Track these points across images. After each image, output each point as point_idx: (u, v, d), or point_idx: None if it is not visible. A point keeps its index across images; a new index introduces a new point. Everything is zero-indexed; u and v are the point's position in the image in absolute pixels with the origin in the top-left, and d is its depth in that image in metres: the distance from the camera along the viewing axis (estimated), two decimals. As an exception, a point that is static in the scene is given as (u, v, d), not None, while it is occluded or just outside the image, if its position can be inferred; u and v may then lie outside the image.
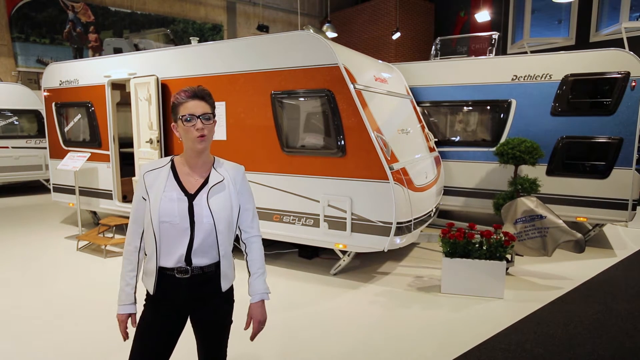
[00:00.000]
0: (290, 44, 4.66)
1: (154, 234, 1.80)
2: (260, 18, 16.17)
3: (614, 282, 4.62)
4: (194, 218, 1.81)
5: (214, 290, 1.89)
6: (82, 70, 6.52)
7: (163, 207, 1.80)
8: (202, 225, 1.81)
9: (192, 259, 1.83)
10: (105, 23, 13.53)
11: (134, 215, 1.90)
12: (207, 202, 1.83)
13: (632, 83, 5.32)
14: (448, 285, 4.34)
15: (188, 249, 1.81)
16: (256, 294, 1.96)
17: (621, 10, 11.75)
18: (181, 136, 1.84)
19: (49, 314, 3.92)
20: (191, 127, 1.78)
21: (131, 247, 1.90)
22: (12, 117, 9.92)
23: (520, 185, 5.13)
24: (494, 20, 14.29)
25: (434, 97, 6.52)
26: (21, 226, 7.20)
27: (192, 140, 1.79)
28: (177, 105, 1.82)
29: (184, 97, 1.80)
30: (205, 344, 1.97)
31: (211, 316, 1.92)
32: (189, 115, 1.77)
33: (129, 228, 1.93)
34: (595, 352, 3.23)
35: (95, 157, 6.48)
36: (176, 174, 1.87)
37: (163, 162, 1.91)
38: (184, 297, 1.86)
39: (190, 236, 1.81)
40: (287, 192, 4.84)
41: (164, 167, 1.88)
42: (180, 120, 1.79)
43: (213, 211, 1.83)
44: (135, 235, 1.90)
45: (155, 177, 1.85)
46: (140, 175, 1.88)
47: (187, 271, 1.82)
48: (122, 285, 1.90)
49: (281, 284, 4.64)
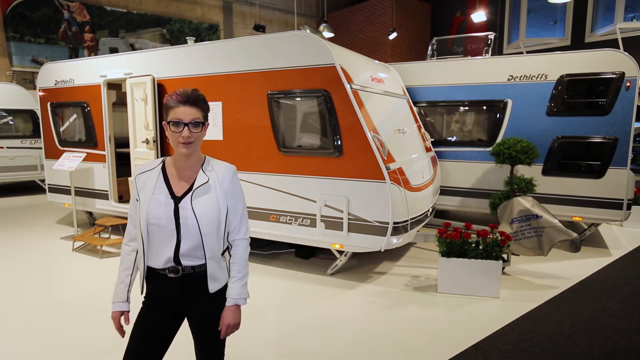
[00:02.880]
0: (286, 44, 4.65)
1: (142, 235, 1.84)
2: (256, 18, 16.15)
3: (609, 282, 4.64)
4: (179, 221, 1.81)
5: (203, 291, 1.89)
6: (78, 70, 6.49)
7: (151, 210, 1.82)
8: (188, 228, 1.81)
9: (180, 260, 1.84)
10: (101, 23, 13.48)
11: (131, 216, 1.94)
12: (191, 205, 1.82)
13: (627, 83, 5.36)
14: (444, 284, 4.35)
15: (175, 250, 1.82)
16: (230, 298, 1.92)
17: (616, 10, 11.82)
18: (169, 138, 1.85)
19: (45, 314, 3.90)
20: (177, 133, 1.77)
21: (128, 247, 1.94)
22: (7, 117, 9.87)
23: (516, 185, 5.15)
24: (490, 21, 14.33)
25: (430, 97, 6.53)
26: (16, 227, 7.16)
27: (177, 145, 1.80)
28: (167, 107, 1.80)
29: (174, 102, 1.78)
30: (201, 344, 1.98)
31: (203, 316, 1.93)
32: (176, 121, 1.76)
33: (127, 228, 1.96)
34: (591, 350, 3.24)
35: (91, 157, 6.46)
36: (166, 176, 1.88)
37: (155, 164, 1.92)
38: (175, 296, 1.88)
39: (177, 238, 1.82)
40: (283, 192, 4.83)
41: (155, 169, 1.90)
42: (169, 124, 1.79)
43: (197, 214, 1.81)
44: (132, 236, 1.93)
45: (146, 179, 1.88)
46: (134, 176, 1.91)
47: (178, 270, 1.84)
48: (117, 284, 1.93)
49: (278, 284, 4.64)
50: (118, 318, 1.91)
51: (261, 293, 4.40)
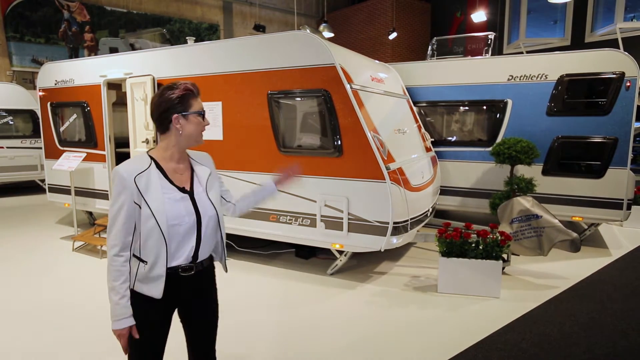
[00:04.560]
0: (286, 43, 4.65)
1: (164, 237, 1.73)
2: (256, 18, 16.15)
3: (609, 281, 4.64)
4: (199, 213, 1.83)
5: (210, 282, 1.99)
6: (78, 70, 6.49)
7: (170, 210, 1.74)
8: (207, 219, 1.85)
9: (199, 254, 1.86)
10: (101, 22, 13.47)
11: (125, 225, 1.74)
12: (207, 196, 1.87)
13: (627, 83, 5.35)
14: (444, 284, 4.35)
15: (196, 244, 1.83)
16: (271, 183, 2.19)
17: (616, 10, 11.82)
18: (183, 130, 1.80)
19: (44, 314, 3.90)
20: (202, 124, 1.85)
21: (122, 258, 1.76)
22: (7, 117, 9.86)
23: (516, 185, 5.15)
24: (490, 21, 14.33)
25: (430, 97, 6.53)
26: (16, 227, 7.16)
27: (199, 135, 1.85)
28: (188, 98, 1.80)
29: (196, 92, 1.84)
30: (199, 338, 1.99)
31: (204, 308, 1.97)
32: (201, 112, 1.84)
33: (115, 238, 1.75)
34: (591, 350, 3.24)
35: (91, 157, 6.45)
36: (164, 172, 1.82)
37: (146, 163, 1.79)
38: (185, 294, 1.88)
39: (198, 232, 1.83)
40: (283, 192, 4.83)
41: (150, 167, 1.78)
42: (194, 114, 1.81)
43: (214, 202, 1.88)
44: (126, 245, 1.76)
45: (147, 180, 1.74)
46: (126, 179, 1.71)
47: (192, 268, 1.84)
48: (116, 299, 1.75)
49: (278, 284, 4.64)
50: (127, 335, 1.77)
51: (261, 293, 4.40)
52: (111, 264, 1.76)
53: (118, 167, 1.74)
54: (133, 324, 1.78)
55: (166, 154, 1.83)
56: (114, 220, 1.75)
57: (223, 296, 2.21)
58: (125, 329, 1.76)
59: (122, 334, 1.76)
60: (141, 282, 1.79)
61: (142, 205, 1.73)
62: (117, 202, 1.73)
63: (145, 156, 1.82)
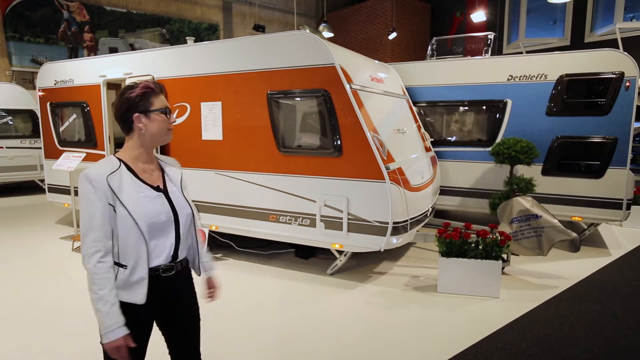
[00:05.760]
0: (286, 44, 4.65)
1: (144, 237, 1.70)
2: (256, 18, 16.14)
3: (609, 281, 4.64)
4: (176, 212, 1.84)
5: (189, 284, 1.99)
6: (77, 70, 6.49)
7: (147, 208, 1.72)
8: (184, 217, 1.86)
9: (178, 253, 1.86)
10: (100, 22, 13.47)
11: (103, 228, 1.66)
12: (182, 194, 1.90)
13: (627, 83, 5.36)
14: (444, 284, 4.35)
15: (175, 243, 1.83)
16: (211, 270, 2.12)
17: (615, 10, 11.83)
18: (146, 129, 1.77)
19: (44, 314, 3.89)
20: (166, 121, 1.83)
21: (106, 264, 1.66)
22: (7, 117, 9.86)
23: (515, 185, 5.16)
24: (490, 21, 14.34)
25: (430, 97, 6.53)
26: (16, 227, 7.15)
27: (165, 133, 1.83)
28: (149, 95, 1.78)
29: (157, 89, 1.82)
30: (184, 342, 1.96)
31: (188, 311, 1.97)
32: (164, 109, 1.82)
33: (94, 244, 1.65)
34: (590, 350, 3.25)
35: (91, 157, 6.45)
36: (134, 172, 1.79)
37: (115, 164, 1.74)
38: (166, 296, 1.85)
39: (176, 229, 1.83)
40: (283, 192, 4.83)
41: (120, 168, 1.74)
42: (156, 112, 1.79)
43: (189, 201, 1.92)
44: (108, 250, 1.68)
45: (120, 180, 1.70)
46: (98, 180, 1.66)
47: (173, 268, 1.84)
48: (106, 309, 1.62)
49: (277, 284, 4.63)
50: (124, 345, 1.66)
51: (261, 293, 4.40)
52: (95, 273, 1.64)
53: (86, 171, 1.68)
54: (128, 332, 1.67)
55: (133, 154, 1.80)
56: (89, 227, 1.65)
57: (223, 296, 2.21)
58: (120, 338, 1.64)
59: (119, 345, 1.65)
60: (122, 288, 1.71)
61: (117, 206, 1.68)
62: (90, 206, 1.65)
63: (112, 158, 1.78)
